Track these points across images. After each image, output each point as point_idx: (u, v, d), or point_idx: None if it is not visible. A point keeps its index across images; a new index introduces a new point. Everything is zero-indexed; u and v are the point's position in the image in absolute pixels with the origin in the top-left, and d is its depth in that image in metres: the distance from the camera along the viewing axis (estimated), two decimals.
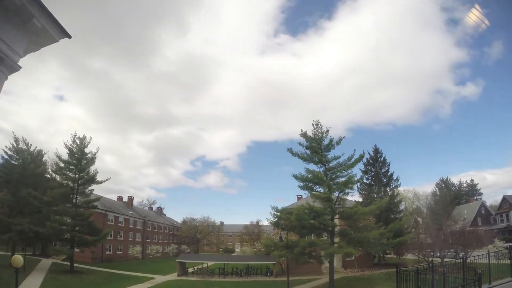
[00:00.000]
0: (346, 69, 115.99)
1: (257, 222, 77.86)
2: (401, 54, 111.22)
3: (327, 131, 23.63)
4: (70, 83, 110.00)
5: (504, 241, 35.20)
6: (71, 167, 31.02)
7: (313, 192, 23.00)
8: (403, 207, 52.86)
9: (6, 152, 32.54)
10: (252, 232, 72.90)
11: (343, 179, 22.71)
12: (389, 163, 40.41)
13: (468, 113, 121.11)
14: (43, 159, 37.81)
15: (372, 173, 40.53)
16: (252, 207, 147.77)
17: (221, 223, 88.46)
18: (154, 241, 58.20)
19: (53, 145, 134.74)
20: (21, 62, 4.70)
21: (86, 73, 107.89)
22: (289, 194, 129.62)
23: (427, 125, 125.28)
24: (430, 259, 24.61)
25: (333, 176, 23.58)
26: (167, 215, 78.51)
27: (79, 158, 31.08)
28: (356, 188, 31.95)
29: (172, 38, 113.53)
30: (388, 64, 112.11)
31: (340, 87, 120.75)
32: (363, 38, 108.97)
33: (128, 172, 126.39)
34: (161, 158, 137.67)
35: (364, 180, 40.29)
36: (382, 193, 37.99)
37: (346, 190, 22.79)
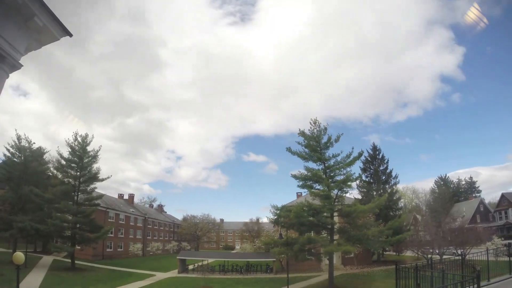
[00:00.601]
0: (305, 43, 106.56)
1: (257, 220, 78.07)
2: (366, 18, 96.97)
3: (325, 129, 23.69)
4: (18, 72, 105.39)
5: (502, 238, 35.36)
6: (72, 165, 31.14)
7: (312, 190, 23.06)
8: (402, 204, 52.99)
9: (8, 150, 32.66)
10: (252, 229, 73.15)
11: (342, 177, 22.74)
12: (388, 161, 40.49)
13: (452, 98, 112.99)
14: (44, 156, 37.95)
15: (371, 170, 40.53)
16: (240, 204, 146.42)
17: (221, 220, 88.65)
18: (154, 238, 58.44)
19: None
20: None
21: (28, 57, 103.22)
22: (275, 188, 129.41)
23: (402, 111, 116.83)
24: (429, 256, 24.73)
25: (332, 174, 23.61)
26: (167, 213, 78.78)
27: (81, 156, 31.19)
28: (355, 185, 32.08)
29: (103, 18, 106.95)
30: (352, 31, 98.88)
31: (301, 65, 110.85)
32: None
33: (104, 167, 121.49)
34: (132, 151, 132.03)
35: (363, 178, 40.28)
36: (381, 191, 38.00)
37: (345, 188, 22.85)
